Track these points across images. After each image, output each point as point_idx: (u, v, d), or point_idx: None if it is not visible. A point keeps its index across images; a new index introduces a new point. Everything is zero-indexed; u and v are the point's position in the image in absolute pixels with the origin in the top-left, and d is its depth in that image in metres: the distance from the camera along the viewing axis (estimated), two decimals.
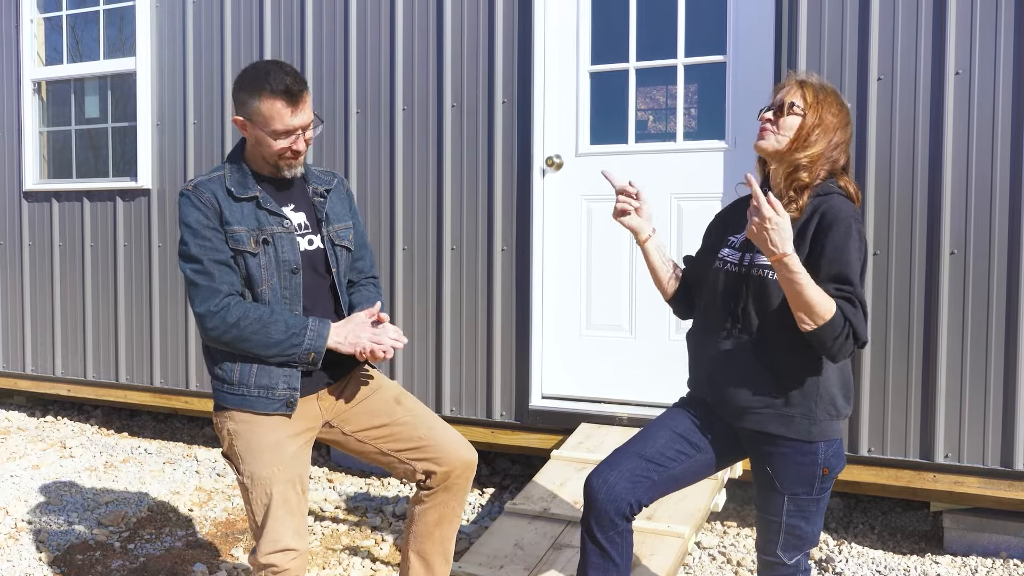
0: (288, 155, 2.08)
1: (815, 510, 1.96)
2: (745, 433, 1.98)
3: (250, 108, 2.04)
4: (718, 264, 2.03)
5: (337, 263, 2.20)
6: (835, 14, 3.14)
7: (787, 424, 1.90)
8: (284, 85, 2.01)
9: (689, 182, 3.51)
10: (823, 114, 1.94)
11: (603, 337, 3.68)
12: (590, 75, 3.68)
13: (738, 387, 1.93)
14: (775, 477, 1.94)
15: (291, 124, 2.04)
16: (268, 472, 2.07)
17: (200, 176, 2.11)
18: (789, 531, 1.96)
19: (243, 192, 2.08)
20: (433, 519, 2.23)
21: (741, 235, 2.01)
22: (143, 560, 3.08)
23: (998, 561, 3.05)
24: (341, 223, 2.24)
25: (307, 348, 2.04)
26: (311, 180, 2.23)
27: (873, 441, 3.14)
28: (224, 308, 2.02)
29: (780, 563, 2.01)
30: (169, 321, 4.43)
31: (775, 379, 1.90)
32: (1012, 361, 2.96)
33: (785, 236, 1.77)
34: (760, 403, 1.91)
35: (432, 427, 2.23)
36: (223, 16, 4.24)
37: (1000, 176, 2.96)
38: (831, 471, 1.93)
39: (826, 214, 1.87)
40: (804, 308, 1.78)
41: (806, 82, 1.97)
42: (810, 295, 1.77)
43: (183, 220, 2.06)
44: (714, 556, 3.14)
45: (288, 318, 2.06)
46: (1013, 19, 2.93)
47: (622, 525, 1.96)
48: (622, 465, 1.98)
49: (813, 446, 1.90)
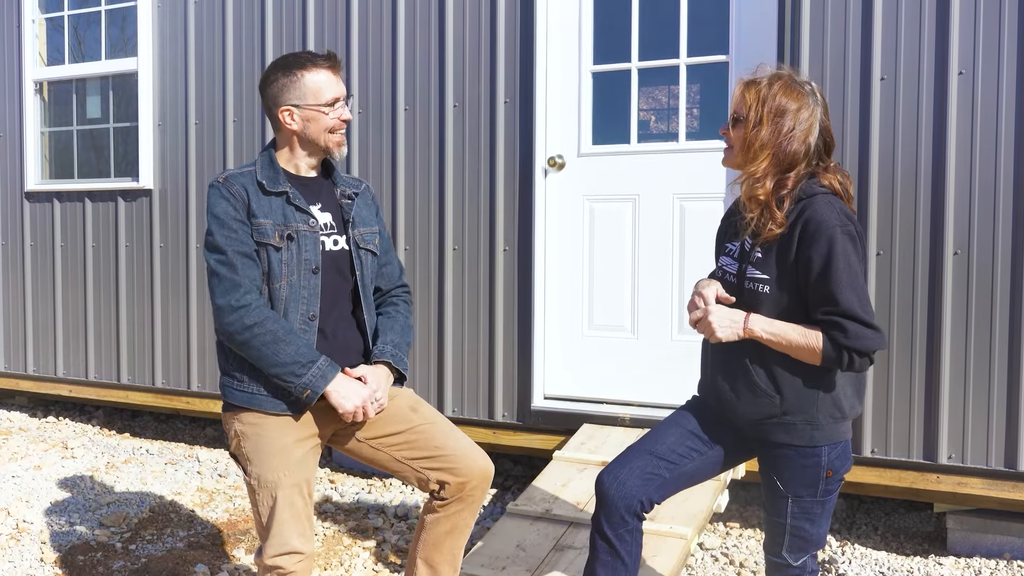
0: (340, 128, 2.13)
1: (820, 512, 1.95)
2: (753, 439, 1.98)
3: (296, 89, 2.08)
4: (718, 273, 2.03)
5: (361, 266, 2.19)
6: (838, 13, 3.14)
7: (789, 432, 1.90)
8: (323, 55, 2.11)
9: (692, 182, 3.50)
10: (769, 106, 1.85)
11: (605, 337, 3.68)
12: (592, 75, 3.67)
13: (738, 400, 1.93)
14: (778, 480, 1.94)
15: (340, 91, 2.12)
16: (275, 476, 2.06)
17: (231, 169, 2.12)
18: (794, 533, 1.96)
19: (274, 186, 2.08)
20: (445, 529, 2.19)
21: (736, 244, 1.98)
22: (145, 561, 3.08)
23: (1002, 562, 3.04)
24: (367, 227, 2.23)
25: (305, 384, 2.01)
26: (339, 183, 2.23)
27: (876, 442, 3.13)
28: (245, 307, 2.00)
29: (786, 565, 2.00)
30: (171, 321, 4.43)
31: (772, 390, 1.88)
32: (1016, 362, 2.95)
33: (725, 320, 1.83)
34: (761, 415, 1.91)
35: (448, 436, 2.19)
36: (225, 16, 4.24)
37: (1004, 176, 2.95)
38: (835, 473, 1.92)
39: (808, 223, 1.80)
40: (794, 355, 1.81)
41: (751, 82, 1.90)
42: (791, 343, 1.80)
43: (211, 210, 2.05)
44: (717, 557, 3.13)
45: (303, 346, 2.02)
46: (1016, 19, 2.92)
47: (632, 523, 1.95)
48: (633, 463, 1.97)
49: (816, 450, 1.89)
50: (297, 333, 2.05)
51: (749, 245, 1.92)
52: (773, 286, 1.85)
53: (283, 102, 2.09)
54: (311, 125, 2.10)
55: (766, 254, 1.87)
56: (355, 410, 2.06)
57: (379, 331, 2.23)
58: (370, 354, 2.21)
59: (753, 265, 1.88)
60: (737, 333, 1.85)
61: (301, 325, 2.08)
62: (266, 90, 2.12)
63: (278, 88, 2.09)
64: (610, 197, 3.63)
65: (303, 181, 2.16)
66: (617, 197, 3.63)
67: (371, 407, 2.08)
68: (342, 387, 2.05)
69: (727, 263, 1.99)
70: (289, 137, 2.14)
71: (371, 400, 2.09)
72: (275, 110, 2.11)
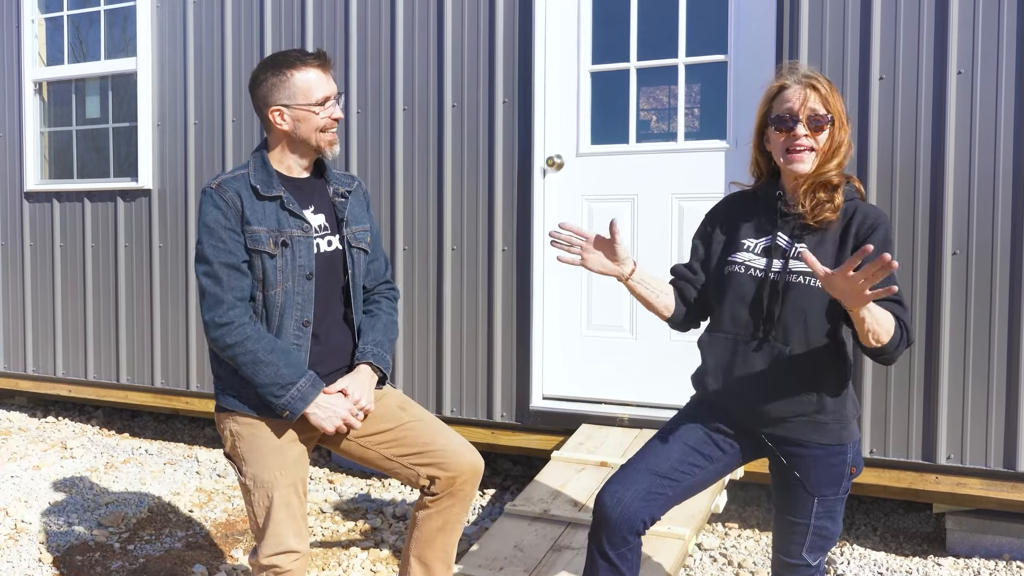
0: (331, 127, 2.11)
1: (839, 509, 1.96)
2: (772, 438, 1.95)
3: (286, 89, 2.06)
4: (737, 269, 1.95)
5: (354, 265, 2.19)
6: (836, 13, 3.13)
7: (820, 431, 1.89)
8: (312, 53, 2.09)
9: (690, 182, 3.50)
10: (841, 113, 1.88)
11: (604, 337, 3.67)
12: (591, 75, 3.67)
13: (772, 399, 1.89)
14: (804, 480, 1.91)
15: (331, 89, 2.09)
16: (270, 476, 2.07)
17: (224, 174, 2.10)
18: (817, 532, 1.95)
19: (268, 190, 2.07)
20: (436, 525, 2.20)
21: (760, 240, 1.94)
22: (143, 561, 3.08)
23: (1001, 563, 3.03)
24: (359, 225, 2.23)
25: (284, 405, 2.02)
26: (332, 181, 2.22)
27: (875, 442, 3.12)
28: (227, 325, 2.00)
29: (805, 565, 1.98)
30: (170, 321, 4.43)
31: (811, 389, 1.87)
32: (1015, 362, 2.95)
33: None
34: (793, 412, 1.89)
35: (437, 432, 2.19)
36: (224, 16, 4.24)
37: (1002, 176, 2.95)
38: (857, 469, 1.94)
39: (868, 215, 1.85)
40: (875, 331, 1.73)
41: (815, 83, 1.87)
42: (875, 316, 1.72)
43: (202, 219, 2.04)
44: (715, 558, 3.13)
45: (285, 365, 2.02)
46: (1016, 19, 2.92)
47: (634, 541, 1.93)
48: (636, 484, 1.94)
49: (843, 447, 1.90)
50: (283, 348, 2.04)
51: (786, 241, 1.90)
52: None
53: (273, 102, 2.07)
54: (302, 125, 2.08)
55: (815, 248, 1.86)
56: (335, 430, 2.08)
57: (362, 330, 2.23)
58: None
59: (797, 260, 1.86)
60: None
61: (295, 331, 2.09)
62: (255, 90, 2.09)
63: (267, 88, 2.07)
64: (609, 197, 3.63)
65: (296, 183, 2.15)
66: (616, 197, 3.62)
67: (354, 420, 2.09)
68: (321, 409, 2.05)
69: (748, 259, 1.94)
70: (280, 137, 2.12)
71: (354, 411, 2.09)
72: (265, 110, 2.09)
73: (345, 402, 2.09)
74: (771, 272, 1.90)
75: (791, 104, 1.87)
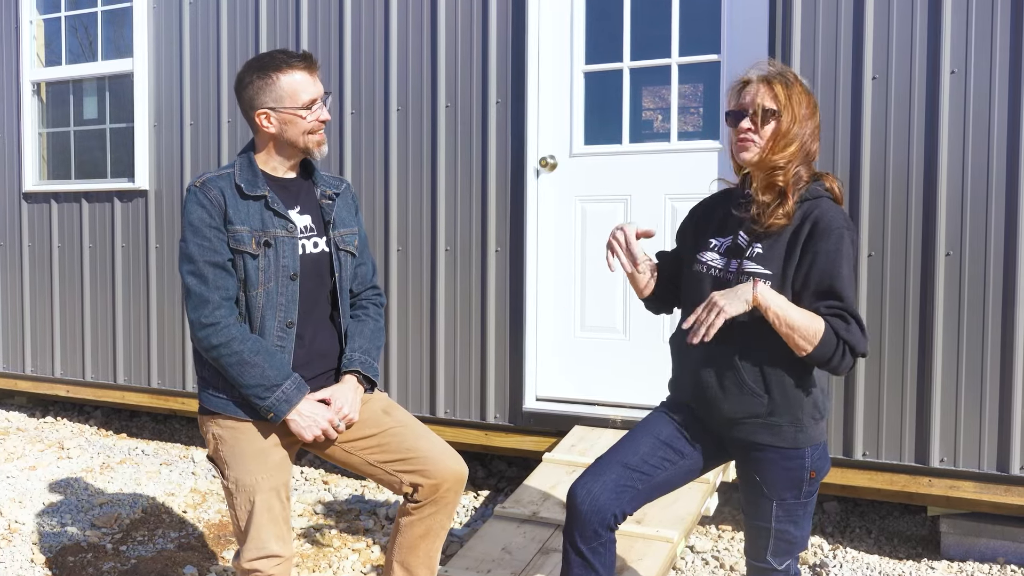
0: (319, 128, 2.09)
1: (803, 514, 1.94)
2: (731, 440, 1.96)
3: (272, 91, 2.04)
4: (700, 268, 1.98)
5: (340, 268, 2.18)
6: (829, 12, 3.11)
7: (774, 433, 1.88)
8: (297, 55, 2.06)
9: (683, 182, 3.48)
10: (795, 109, 1.87)
11: (597, 339, 3.66)
12: (584, 75, 3.65)
13: (723, 397, 1.90)
14: (763, 483, 1.91)
15: (317, 91, 2.07)
16: (252, 480, 2.06)
17: (209, 172, 2.09)
18: (779, 536, 1.94)
19: (252, 190, 2.06)
20: (419, 532, 2.18)
21: (725, 239, 1.96)
22: (134, 562, 3.08)
23: (995, 567, 3.01)
24: (347, 228, 2.22)
25: (268, 407, 2.01)
26: (319, 183, 2.21)
27: (868, 445, 3.10)
28: (212, 326, 1.99)
29: (771, 569, 1.98)
30: (167, 322, 4.44)
31: (761, 389, 1.86)
32: (1008, 364, 2.92)
33: (729, 294, 1.78)
34: (746, 413, 1.88)
35: (421, 438, 2.17)
36: (219, 18, 4.24)
37: (996, 176, 2.92)
38: (818, 474, 1.91)
39: (818, 221, 1.82)
40: (789, 335, 1.76)
41: (771, 78, 1.89)
42: (793, 321, 1.75)
43: (186, 217, 2.03)
44: (707, 560, 3.11)
45: (269, 367, 2.01)
46: (1009, 18, 2.89)
47: (606, 536, 1.93)
48: (606, 475, 1.94)
49: (800, 451, 1.88)
50: (268, 350, 2.03)
51: (745, 241, 1.90)
52: (776, 281, 1.83)
53: (259, 105, 2.06)
54: (289, 128, 2.07)
55: (768, 250, 1.85)
56: (314, 439, 2.07)
57: (348, 336, 2.22)
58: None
59: (753, 260, 1.86)
60: (746, 300, 1.76)
61: (279, 332, 2.07)
62: (241, 92, 2.08)
63: (254, 91, 2.06)
64: (602, 197, 3.62)
65: (282, 183, 2.14)
66: (609, 197, 3.61)
67: (332, 431, 2.09)
68: (303, 416, 2.04)
69: (712, 259, 1.95)
70: (268, 139, 2.11)
71: (335, 421, 2.09)
72: (252, 113, 2.08)
73: (327, 411, 2.08)
74: (727, 272, 1.91)
75: (743, 100, 1.90)
